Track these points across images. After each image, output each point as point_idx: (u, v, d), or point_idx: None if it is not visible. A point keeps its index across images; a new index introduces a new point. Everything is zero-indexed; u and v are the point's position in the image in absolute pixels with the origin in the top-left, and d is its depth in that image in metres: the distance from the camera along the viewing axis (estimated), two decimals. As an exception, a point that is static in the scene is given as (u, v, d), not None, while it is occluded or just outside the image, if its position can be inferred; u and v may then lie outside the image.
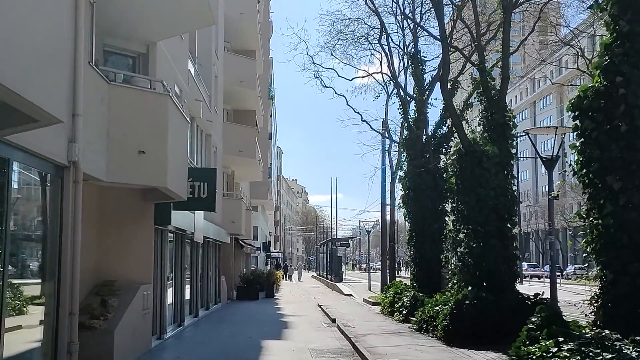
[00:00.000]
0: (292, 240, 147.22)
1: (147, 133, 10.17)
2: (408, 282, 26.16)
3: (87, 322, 10.14)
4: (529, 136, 13.60)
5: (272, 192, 69.59)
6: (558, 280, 20.18)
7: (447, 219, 22.39)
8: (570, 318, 11.80)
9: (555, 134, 12.31)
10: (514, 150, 16.39)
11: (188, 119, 12.25)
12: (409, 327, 17.84)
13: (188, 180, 13.17)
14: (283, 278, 68.66)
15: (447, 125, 22.60)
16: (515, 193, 16.09)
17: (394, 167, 31.32)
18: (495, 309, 14.09)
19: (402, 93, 25.00)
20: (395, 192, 31.27)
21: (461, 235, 15.89)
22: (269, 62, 53.62)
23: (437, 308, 15.77)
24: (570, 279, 55.42)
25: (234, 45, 31.21)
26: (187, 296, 19.28)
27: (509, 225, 15.65)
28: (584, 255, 12.33)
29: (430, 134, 22.55)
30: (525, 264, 70.04)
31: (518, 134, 17.17)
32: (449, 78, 18.05)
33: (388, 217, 33.31)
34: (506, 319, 13.81)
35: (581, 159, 10.68)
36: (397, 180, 23.99)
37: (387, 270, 32.37)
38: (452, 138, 22.59)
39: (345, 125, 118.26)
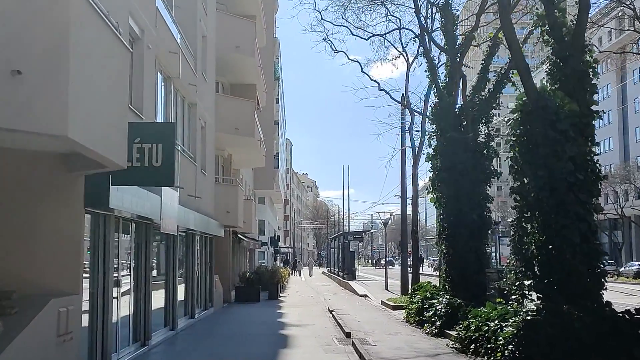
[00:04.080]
0: (302, 235, 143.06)
1: (30, 41, 5.92)
2: (434, 282, 21.93)
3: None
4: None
5: (281, 184, 65.37)
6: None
7: (489, 206, 18.13)
8: None
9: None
10: (595, 108, 11.98)
11: (127, 45, 7.95)
12: (447, 344, 13.55)
13: (134, 140, 8.92)
14: (292, 274, 64.88)
15: (488, 89, 18.17)
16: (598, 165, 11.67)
17: (416, 149, 26.93)
18: (582, 329, 9.80)
19: (428, 44, 20.45)
20: (417, 176, 26.84)
21: (526, 226, 11.53)
22: (275, 41, 49.29)
23: (491, 324, 11.43)
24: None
25: (230, 8, 26.88)
26: (160, 304, 15.08)
27: (591, 210, 11.28)
28: None
29: (468, 96, 18.07)
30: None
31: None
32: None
33: (409, 210, 28.96)
34: (599, 343, 9.58)
35: None
36: (424, 159, 19.60)
37: (409, 268, 28.01)
38: (495, 105, 18.20)
39: (359, 99, 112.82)
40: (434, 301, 16.68)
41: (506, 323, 10.94)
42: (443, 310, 15.57)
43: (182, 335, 15.57)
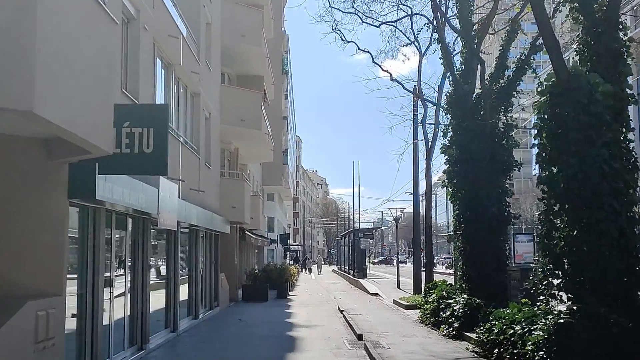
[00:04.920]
0: (312, 233, 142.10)
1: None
2: (444, 280, 20.90)
3: None
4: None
5: (290, 181, 64.43)
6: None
7: (508, 200, 17.13)
8: None
9: None
10: (630, 91, 10.96)
11: (113, 17, 7.04)
12: (466, 348, 12.62)
13: (123, 124, 8.02)
14: (301, 271, 63.98)
15: (507, 76, 17.13)
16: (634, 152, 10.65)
17: (429, 142, 25.92)
18: (621, 334, 8.84)
19: (443, 28, 19.40)
20: (430, 171, 25.82)
21: (555, 220, 10.52)
22: (283, 35, 48.34)
23: (517, 328, 10.45)
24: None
25: (236, -2, 25.94)
26: (161, 304, 14.23)
27: (629, 202, 10.26)
28: None
29: (487, 83, 17.01)
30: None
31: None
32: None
33: (422, 206, 27.98)
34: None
35: None
36: (439, 151, 18.56)
37: (422, 265, 27.02)
38: (515, 93, 17.16)
39: (369, 91, 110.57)
40: (450, 301, 15.71)
41: (534, 326, 9.96)
42: (461, 310, 14.62)
43: (183, 337, 14.70)
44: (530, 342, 9.52)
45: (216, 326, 17.13)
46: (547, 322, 9.59)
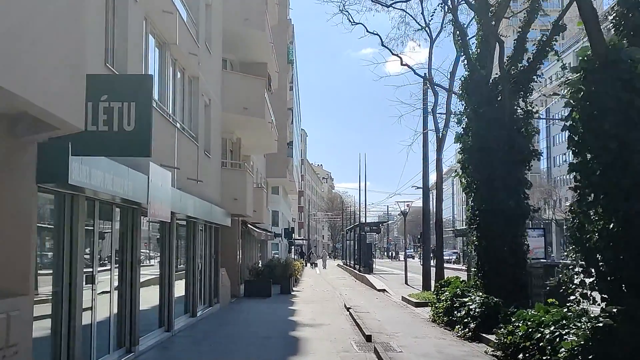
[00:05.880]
0: (317, 227, 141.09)
1: None
2: (452, 275, 19.81)
3: None
4: None
5: (295, 175, 63.37)
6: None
7: (527, 192, 16.02)
8: None
9: None
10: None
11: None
12: (485, 352, 11.57)
13: (100, 98, 6.95)
14: (306, 265, 63.00)
15: (527, 59, 15.97)
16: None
17: (440, 131, 24.78)
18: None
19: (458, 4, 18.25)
20: (441, 162, 24.69)
21: (589, 212, 9.41)
22: (288, 24, 47.23)
23: (546, 331, 9.36)
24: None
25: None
26: (154, 302, 13.21)
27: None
28: None
29: (506, 63, 15.83)
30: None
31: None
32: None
33: (431, 199, 26.86)
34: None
35: None
36: (453, 140, 17.39)
37: (431, 261, 25.93)
38: (535, 77, 15.99)
39: (378, 78, 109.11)
40: (465, 299, 14.63)
41: (566, 330, 8.88)
42: (477, 310, 13.55)
43: (178, 337, 13.66)
44: (563, 349, 8.43)
45: (215, 325, 16.10)
46: (582, 326, 8.51)
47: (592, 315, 8.66)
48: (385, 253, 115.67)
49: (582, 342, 8.13)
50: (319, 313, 19.11)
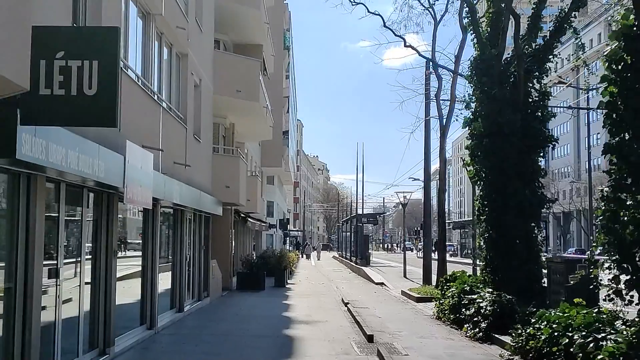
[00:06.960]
0: (312, 219, 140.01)
1: None
2: (455, 269, 18.71)
3: None
4: None
5: (291, 165, 62.13)
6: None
7: (542, 180, 14.90)
8: None
9: None
10: None
11: None
12: (500, 355, 10.45)
13: (55, 56, 5.73)
14: (302, 257, 61.91)
15: (543, 37, 14.78)
16: None
17: (444, 118, 23.57)
18: None
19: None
20: (445, 150, 23.51)
21: (625, 198, 8.25)
22: (285, 8, 45.84)
23: (576, 336, 8.21)
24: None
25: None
26: (134, 297, 12.01)
27: None
28: None
29: (521, 39, 14.59)
30: (572, 249, 61.41)
31: None
32: None
33: (433, 188, 25.68)
34: None
35: None
36: (461, 125, 16.18)
37: (433, 253, 24.79)
38: (551, 57, 14.80)
39: (380, 60, 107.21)
40: (474, 296, 13.48)
41: (602, 335, 7.73)
42: (489, 308, 12.38)
43: (161, 336, 12.46)
44: (601, 356, 7.28)
45: (203, 321, 14.92)
46: (621, 331, 7.37)
47: (630, 319, 7.51)
48: (381, 245, 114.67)
49: (624, 350, 6.99)
50: (316, 308, 17.95)
